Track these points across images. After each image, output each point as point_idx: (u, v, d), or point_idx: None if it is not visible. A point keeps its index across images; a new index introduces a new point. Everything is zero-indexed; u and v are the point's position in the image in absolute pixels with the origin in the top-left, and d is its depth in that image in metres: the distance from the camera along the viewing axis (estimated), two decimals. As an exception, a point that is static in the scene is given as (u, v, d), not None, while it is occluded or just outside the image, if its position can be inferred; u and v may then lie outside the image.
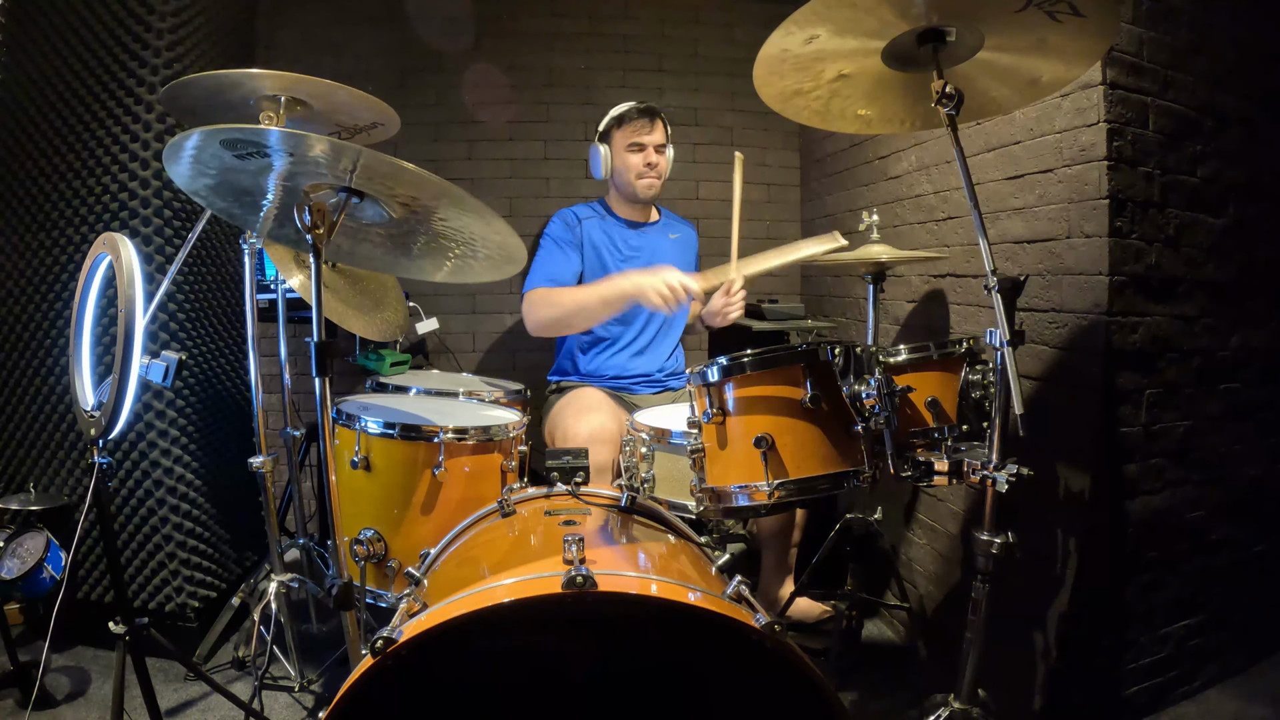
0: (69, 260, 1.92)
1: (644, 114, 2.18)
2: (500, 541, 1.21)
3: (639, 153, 2.18)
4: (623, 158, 2.20)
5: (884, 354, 1.35)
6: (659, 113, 2.21)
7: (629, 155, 2.19)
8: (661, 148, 2.21)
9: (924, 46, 1.20)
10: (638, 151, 2.18)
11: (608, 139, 2.22)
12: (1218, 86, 1.61)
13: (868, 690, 1.82)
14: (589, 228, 2.24)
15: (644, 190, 2.21)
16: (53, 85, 1.94)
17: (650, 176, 2.20)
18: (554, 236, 2.21)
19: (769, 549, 2.10)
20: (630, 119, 2.18)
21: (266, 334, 2.30)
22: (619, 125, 2.20)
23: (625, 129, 2.18)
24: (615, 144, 2.21)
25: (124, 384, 1.21)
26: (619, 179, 2.23)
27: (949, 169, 1.98)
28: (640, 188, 2.20)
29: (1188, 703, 1.69)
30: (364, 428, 1.56)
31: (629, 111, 2.19)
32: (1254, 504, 1.78)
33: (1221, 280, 1.65)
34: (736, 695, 0.94)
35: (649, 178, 2.20)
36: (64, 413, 1.94)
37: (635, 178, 2.19)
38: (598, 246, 2.22)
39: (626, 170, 2.19)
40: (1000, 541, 1.25)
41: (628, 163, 2.19)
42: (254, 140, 1.04)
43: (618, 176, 2.22)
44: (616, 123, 2.20)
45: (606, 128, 2.23)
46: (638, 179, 2.19)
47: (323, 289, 1.17)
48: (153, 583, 1.94)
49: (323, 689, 1.79)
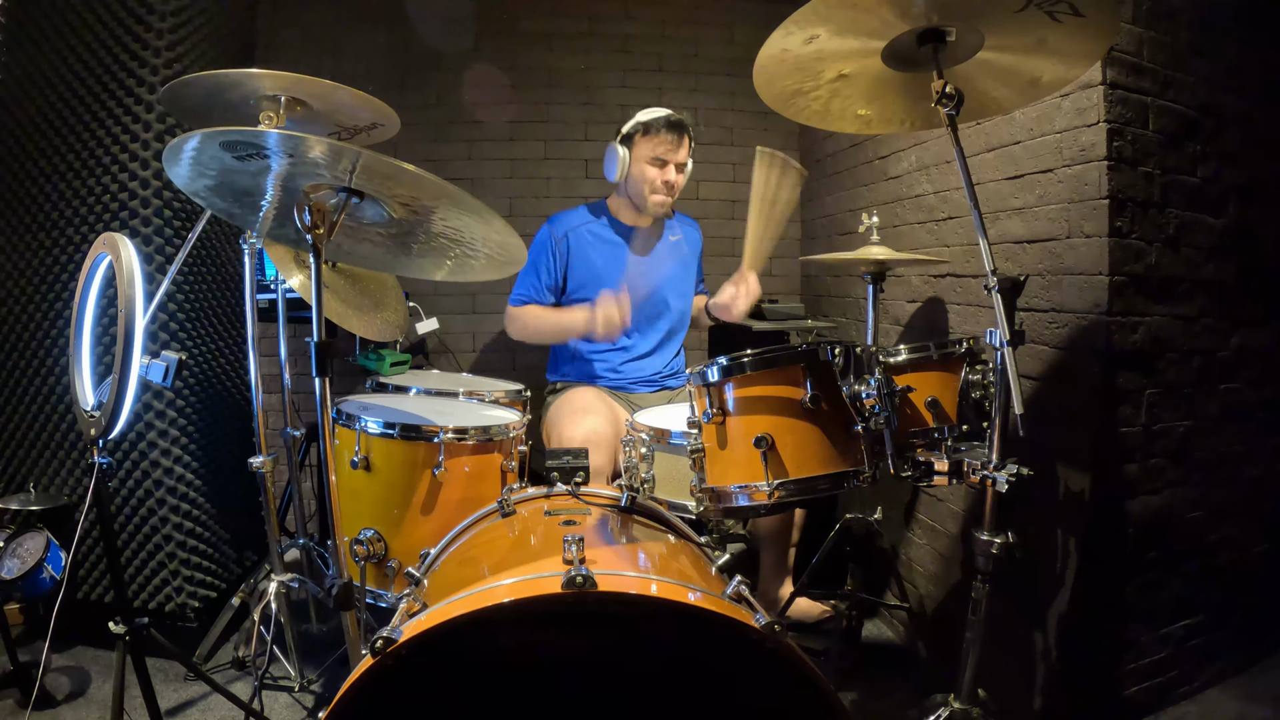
0: (69, 260, 1.92)
1: (673, 129, 2.08)
2: (500, 541, 1.21)
3: (660, 168, 2.10)
4: (641, 168, 2.11)
5: (884, 354, 1.35)
6: (688, 130, 2.11)
7: (648, 168, 2.10)
8: (682, 166, 2.14)
9: (924, 47, 1.20)
10: (659, 166, 2.10)
11: (629, 143, 2.13)
12: (1218, 86, 1.61)
13: (868, 690, 1.82)
14: (576, 240, 2.19)
15: (655, 208, 2.15)
16: (53, 85, 1.94)
17: (664, 194, 2.13)
18: (533, 251, 2.15)
19: (767, 549, 2.09)
20: (657, 130, 2.08)
21: (266, 334, 2.30)
22: (644, 133, 2.10)
23: (651, 139, 2.09)
24: (636, 151, 2.11)
25: (124, 384, 1.21)
26: (632, 188, 2.16)
27: (949, 169, 1.98)
28: (652, 204, 2.14)
29: (1188, 703, 1.69)
30: (364, 428, 1.56)
31: (657, 122, 2.08)
32: (1254, 504, 1.77)
33: (1221, 280, 1.64)
34: (737, 695, 0.94)
35: (662, 195, 2.13)
36: (64, 413, 1.94)
37: (650, 192, 2.12)
38: (587, 256, 2.18)
39: (642, 182, 2.12)
40: (1000, 541, 1.25)
41: (645, 174, 2.11)
42: (253, 142, 1.04)
43: (631, 185, 2.15)
44: (643, 130, 2.10)
45: (630, 132, 2.12)
46: (651, 194, 2.12)
47: (323, 289, 1.17)
48: (153, 583, 1.94)
49: (323, 689, 1.79)
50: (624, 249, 2.23)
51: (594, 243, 2.21)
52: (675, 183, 2.13)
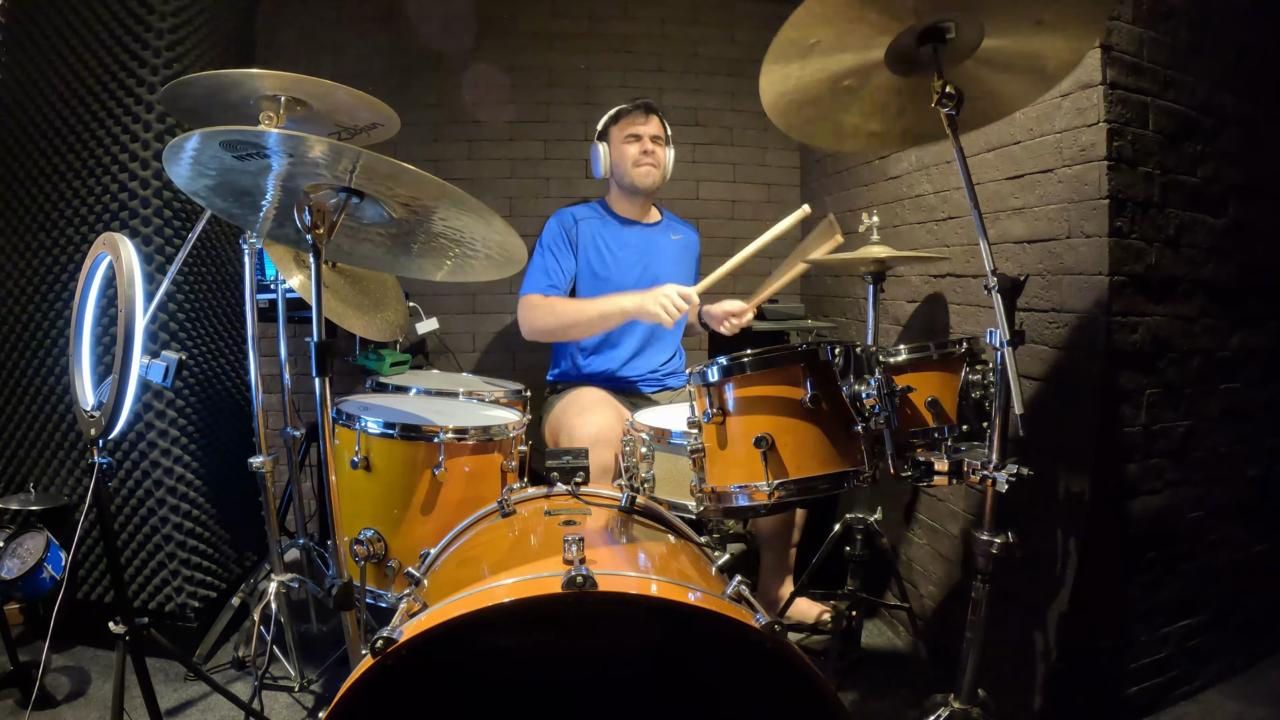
0: (69, 260, 1.92)
1: (638, 108, 2.21)
2: (500, 541, 1.21)
3: (635, 143, 2.20)
4: (619, 150, 2.22)
5: (884, 354, 1.35)
6: (655, 107, 2.24)
7: (625, 146, 2.20)
8: (658, 139, 2.22)
9: (925, 47, 1.20)
10: (634, 142, 2.20)
11: (605, 137, 2.25)
12: (1218, 86, 1.61)
13: (868, 690, 1.82)
14: (585, 229, 2.24)
15: (641, 179, 2.20)
16: (53, 85, 1.94)
17: (647, 164, 2.20)
18: (549, 240, 2.22)
19: (768, 549, 2.10)
20: (626, 113, 2.22)
21: (266, 334, 2.30)
22: (615, 121, 2.23)
23: (621, 123, 2.22)
24: (613, 139, 2.24)
25: (124, 384, 1.21)
26: (617, 172, 2.24)
27: (949, 169, 1.98)
28: (637, 176, 2.20)
29: (1188, 703, 1.69)
30: (364, 428, 1.56)
31: (624, 107, 2.23)
32: (1254, 504, 1.77)
33: (1221, 280, 1.64)
34: (736, 695, 0.94)
35: (646, 165, 2.20)
36: (64, 413, 1.94)
37: (632, 166, 2.20)
38: (594, 247, 2.22)
39: (624, 160, 2.21)
40: (1000, 541, 1.25)
41: (624, 154, 2.20)
42: (253, 142, 1.04)
43: (616, 170, 2.24)
44: (613, 119, 2.24)
45: (604, 126, 2.26)
46: (634, 167, 2.20)
47: (323, 289, 1.17)
48: (153, 583, 1.94)
49: (323, 689, 1.79)
50: (628, 241, 2.26)
51: (601, 234, 2.25)
52: (654, 151, 2.21)
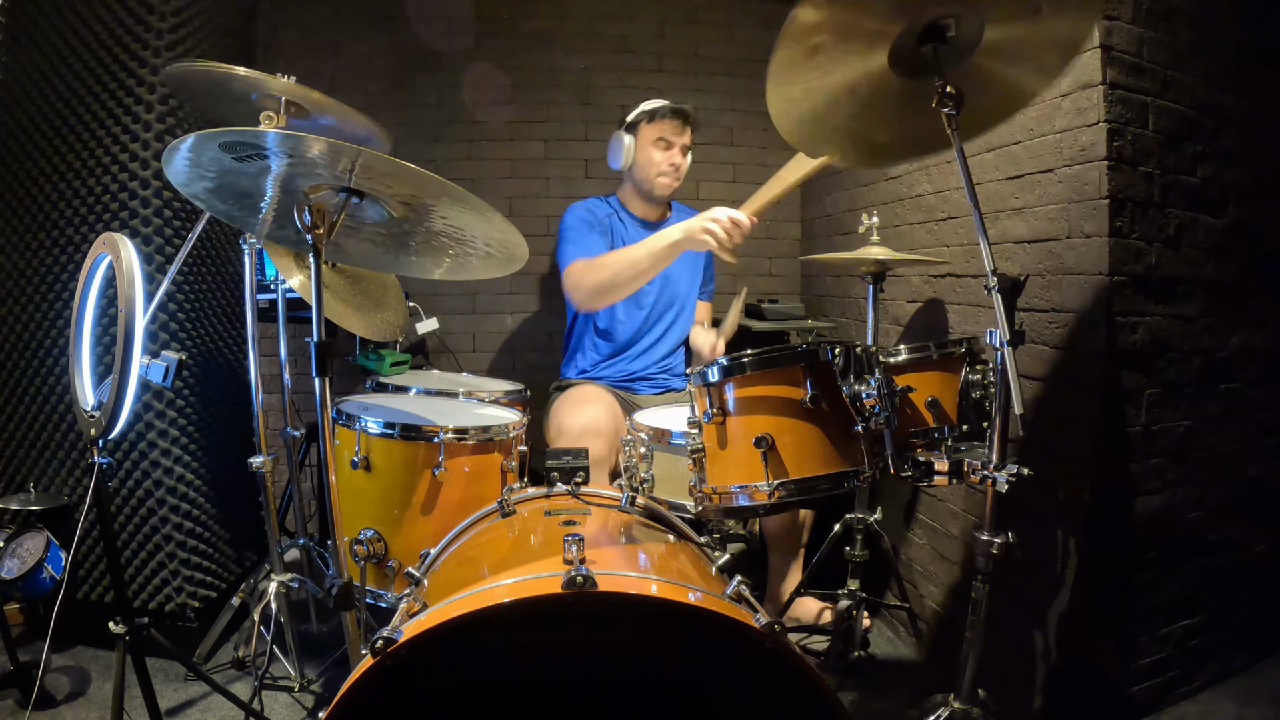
0: (69, 260, 1.92)
1: (677, 115, 2.19)
2: (500, 541, 1.21)
3: (665, 150, 2.19)
4: (647, 152, 2.20)
5: (884, 354, 1.35)
6: (691, 117, 2.21)
7: (654, 150, 2.19)
8: (686, 150, 2.23)
9: (925, 47, 1.19)
10: (665, 148, 2.19)
11: (634, 130, 2.22)
12: (1218, 86, 1.61)
13: (868, 690, 1.82)
14: (611, 224, 2.26)
15: (661, 188, 2.22)
16: (53, 85, 1.94)
17: (670, 176, 2.21)
18: (580, 218, 2.21)
19: (775, 550, 2.09)
20: (663, 116, 2.18)
21: (266, 334, 2.30)
22: (649, 120, 2.19)
23: (656, 124, 2.18)
24: (642, 137, 2.20)
25: (124, 384, 1.21)
26: (639, 173, 2.23)
27: (949, 169, 1.98)
28: (658, 185, 2.21)
29: (1188, 703, 1.69)
30: (364, 428, 1.56)
31: (662, 109, 2.18)
32: (1254, 504, 1.77)
33: (1221, 280, 1.64)
34: (736, 695, 0.94)
35: (669, 177, 2.21)
36: (64, 413, 1.94)
37: (656, 174, 2.20)
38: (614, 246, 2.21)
39: (649, 165, 2.20)
40: (1000, 541, 1.25)
41: (651, 157, 2.19)
42: (252, 143, 1.04)
43: (638, 170, 2.23)
44: (647, 117, 2.20)
45: (636, 119, 2.21)
46: (658, 176, 2.20)
47: (323, 289, 1.17)
48: (153, 583, 1.94)
49: (323, 689, 1.79)
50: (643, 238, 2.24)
51: (621, 236, 2.25)
52: (680, 165, 2.21)
